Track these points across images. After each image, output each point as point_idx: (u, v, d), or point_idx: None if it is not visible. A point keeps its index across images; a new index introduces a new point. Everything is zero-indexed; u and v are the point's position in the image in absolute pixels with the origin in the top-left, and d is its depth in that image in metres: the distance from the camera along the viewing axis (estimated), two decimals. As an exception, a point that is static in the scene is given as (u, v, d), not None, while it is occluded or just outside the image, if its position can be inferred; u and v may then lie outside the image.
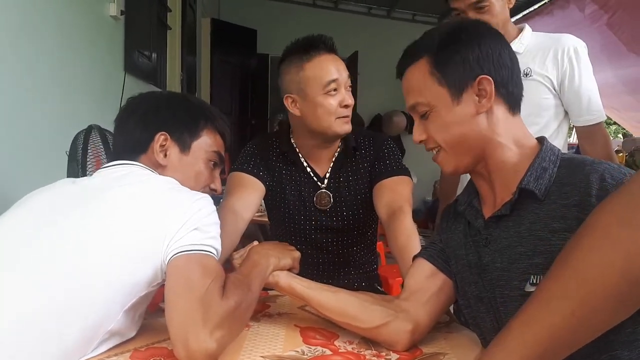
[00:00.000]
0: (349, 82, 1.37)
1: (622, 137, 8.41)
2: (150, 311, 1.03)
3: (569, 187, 0.78)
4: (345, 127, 1.39)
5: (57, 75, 2.27)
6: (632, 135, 6.30)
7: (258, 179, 1.42)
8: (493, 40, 0.88)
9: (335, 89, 1.34)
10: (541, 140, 0.88)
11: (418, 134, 0.91)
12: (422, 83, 0.88)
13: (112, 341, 0.88)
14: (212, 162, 1.09)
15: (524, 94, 0.91)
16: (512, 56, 0.88)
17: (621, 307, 0.54)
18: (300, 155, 1.48)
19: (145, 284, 0.87)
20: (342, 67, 1.36)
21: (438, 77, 0.86)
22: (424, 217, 6.23)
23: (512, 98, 0.88)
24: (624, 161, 4.10)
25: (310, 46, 1.33)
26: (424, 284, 0.97)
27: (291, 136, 1.49)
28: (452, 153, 0.88)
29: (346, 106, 1.36)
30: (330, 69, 1.33)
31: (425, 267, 0.98)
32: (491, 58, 0.86)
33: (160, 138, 1.02)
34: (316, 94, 1.34)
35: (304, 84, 1.35)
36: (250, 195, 1.39)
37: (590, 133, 1.55)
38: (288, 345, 0.93)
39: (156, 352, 0.88)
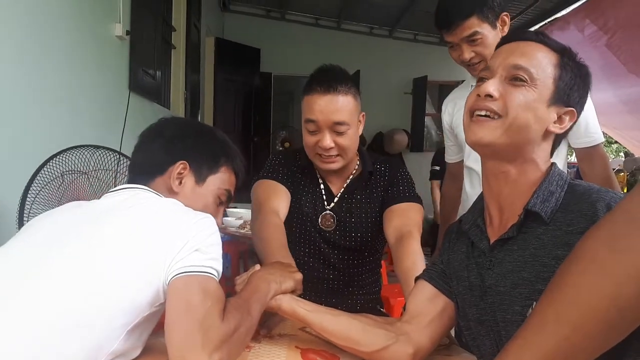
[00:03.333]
0: (343, 127, 1.34)
1: (623, 155, 8.43)
2: (155, 331, 1.04)
3: (575, 214, 0.79)
4: (326, 167, 1.42)
5: (63, 93, 2.30)
6: (633, 154, 6.31)
7: (285, 186, 1.46)
8: (586, 87, 0.90)
9: (313, 130, 1.37)
10: (551, 164, 0.89)
11: (494, 88, 0.85)
12: (545, 64, 0.85)
13: (116, 362, 0.88)
14: (220, 200, 1.12)
15: None
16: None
17: (612, 332, 0.55)
18: (317, 172, 1.51)
19: (148, 304, 0.88)
20: (332, 109, 1.33)
21: (557, 75, 0.85)
22: (426, 235, 6.22)
23: (557, 144, 0.90)
24: (625, 180, 4.09)
25: (311, 83, 1.36)
26: (426, 307, 0.98)
27: None
28: (508, 130, 0.83)
29: (324, 148, 1.36)
30: (312, 109, 1.35)
31: (426, 290, 0.99)
32: (582, 100, 0.89)
33: (179, 166, 1.04)
34: (303, 127, 1.40)
35: (302, 115, 1.40)
36: (284, 200, 1.44)
37: (589, 155, 1.56)
38: (289, 367, 0.94)
39: (158, 373, 0.88)
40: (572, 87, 0.86)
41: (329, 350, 1.02)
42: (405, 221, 1.38)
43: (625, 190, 3.96)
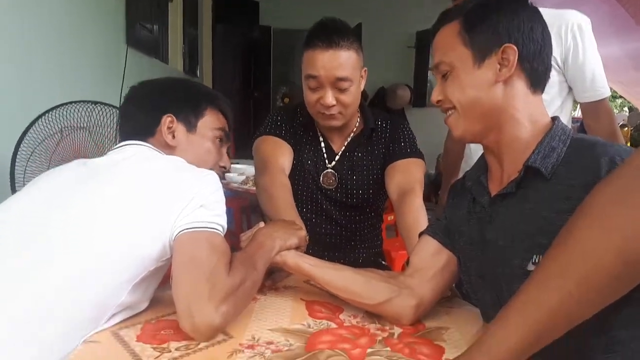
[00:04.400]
0: (346, 83, 1.31)
1: (627, 110, 8.36)
2: (161, 285, 1.06)
3: (577, 168, 0.78)
4: (327, 123, 1.40)
5: (60, 49, 2.26)
6: (637, 109, 6.24)
7: (287, 142, 1.45)
8: (527, 14, 0.87)
9: (314, 87, 1.34)
10: (554, 119, 0.88)
11: (436, 94, 0.92)
12: (449, 43, 0.88)
13: (124, 314, 0.90)
14: (219, 139, 1.11)
15: None
16: (546, 35, 0.87)
17: (618, 285, 0.56)
18: (318, 130, 1.49)
19: (154, 259, 0.89)
20: (335, 64, 1.29)
21: (465, 38, 0.86)
22: (427, 190, 6.24)
23: (535, 75, 0.87)
24: (629, 135, 4.08)
25: (312, 37, 1.32)
26: (429, 261, 0.99)
27: None
28: (464, 116, 0.88)
29: (326, 105, 1.34)
30: (314, 64, 1.31)
31: (430, 244, 1.00)
32: (521, 30, 0.85)
33: (167, 120, 1.04)
34: (304, 83, 1.37)
35: (302, 70, 1.37)
36: (287, 157, 1.43)
37: (594, 109, 1.54)
38: (294, 319, 0.96)
39: (166, 324, 0.90)
40: (488, 31, 0.85)
41: (333, 302, 1.04)
42: (407, 178, 1.38)
43: (629, 145, 3.95)
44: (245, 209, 3.93)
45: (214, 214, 0.92)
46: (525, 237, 0.81)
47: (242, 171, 2.91)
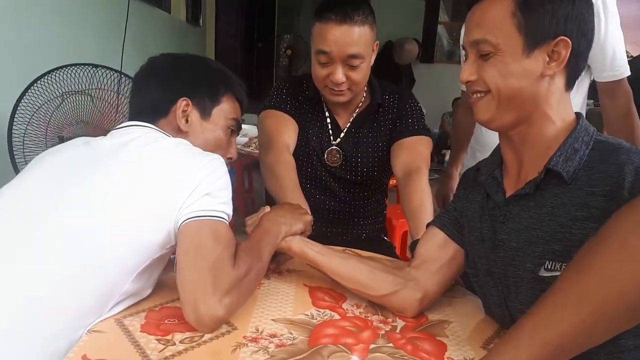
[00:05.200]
0: (358, 60, 1.27)
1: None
2: (164, 268, 1.05)
3: (600, 175, 0.75)
4: (334, 99, 1.36)
5: (60, 2, 2.17)
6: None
7: (292, 117, 1.42)
8: (586, 4, 0.80)
9: (324, 62, 1.28)
10: (578, 116, 0.84)
11: (469, 72, 0.84)
12: (499, 21, 0.79)
13: (128, 301, 0.90)
14: (231, 129, 1.09)
15: None
16: (593, 28, 0.82)
17: (634, 315, 0.55)
18: (324, 105, 1.45)
19: (158, 246, 0.88)
20: (348, 41, 1.24)
21: (519, 21, 0.78)
22: (430, 132, 6.20)
23: (575, 72, 0.83)
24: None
25: (325, 10, 1.25)
26: (436, 253, 0.98)
27: None
28: (499, 104, 0.82)
29: (336, 82, 1.29)
30: (326, 39, 1.25)
31: (437, 236, 0.99)
32: (579, 22, 0.79)
33: (182, 103, 1.01)
34: (313, 56, 1.31)
35: (311, 41, 1.32)
36: (292, 133, 1.40)
37: (612, 88, 1.49)
38: (298, 308, 0.96)
39: (170, 312, 0.91)
40: (545, 17, 0.78)
41: (336, 288, 1.03)
42: (413, 156, 1.36)
43: None
44: (247, 166, 3.92)
45: (220, 202, 0.90)
46: (539, 242, 0.80)
47: (245, 132, 2.88)
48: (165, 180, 0.88)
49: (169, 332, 0.84)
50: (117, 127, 1.01)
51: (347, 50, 1.25)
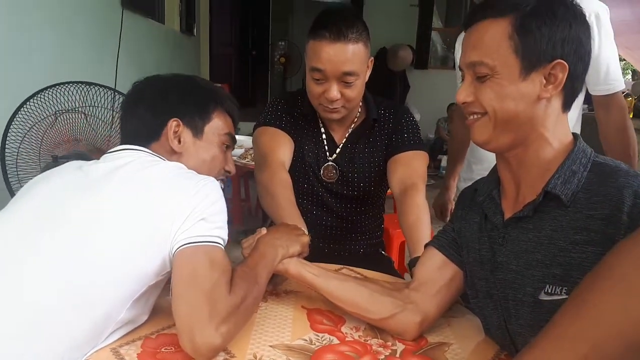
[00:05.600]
0: (352, 77, 1.26)
1: (630, 75, 8.22)
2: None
3: (598, 198, 0.75)
4: (329, 116, 1.36)
5: (55, 14, 2.16)
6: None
7: (288, 134, 1.41)
8: (582, 27, 0.80)
9: (319, 79, 1.28)
10: (575, 137, 0.84)
11: (465, 94, 0.83)
12: (496, 44, 0.79)
13: (124, 329, 0.89)
14: (225, 145, 1.08)
15: None
16: (590, 51, 0.82)
17: (634, 356, 0.54)
18: (320, 121, 1.44)
19: (154, 273, 0.87)
20: (342, 59, 1.23)
21: (516, 44, 0.78)
22: (427, 147, 6.21)
23: (572, 95, 0.82)
24: (632, 105, 4.00)
25: (318, 27, 1.25)
26: (434, 275, 0.97)
27: None
28: (496, 127, 0.81)
29: (330, 100, 1.29)
30: (320, 57, 1.24)
31: (436, 258, 0.98)
32: (576, 45, 0.78)
33: (172, 124, 1.00)
34: (307, 73, 1.31)
35: (305, 58, 1.31)
36: (288, 150, 1.39)
37: (606, 102, 1.49)
38: (296, 332, 0.95)
39: (167, 339, 0.89)
40: (542, 40, 0.77)
41: (335, 311, 1.02)
42: (409, 172, 1.35)
43: (631, 116, 3.89)
44: (243, 175, 3.91)
45: (215, 227, 0.89)
46: (539, 266, 0.79)
47: (240, 143, 2.86)
48: (160, 205, 0.87)
49: (166, 362, 0.83)
50: (111, 150, 1.00)
51: (341, 68, 1.24)
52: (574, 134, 0.85)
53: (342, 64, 1.24)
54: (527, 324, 0.82)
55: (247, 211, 4.03)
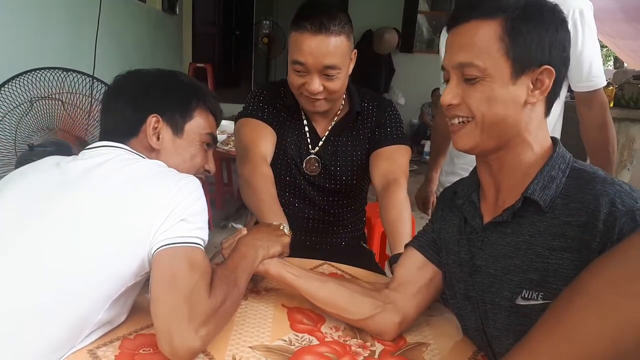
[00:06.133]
0: (334, 71, 1.25)
1: (612, 63, 8.30)
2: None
3: (576, 205, 0.76)
4: (311, 108, 1.34)
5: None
6: (622, 62, 6.20)
7: (270, 126, 1.39)
8: (566, 34, 0.80)
9: (300, 71, 1.26)
10: (554, 141, 0.84)
11: (452, 96, 0.81)
12: (487, 45, 0.77)
13: (101, 330, 0.88)
14: (206, 144, 1.06)
15: None
16: (569, 56, 0.82)
17: None
18: (303, 113, 1.43)
19: (133, 274, 0.86)
20: (324, 51, 1.22)
21: (507, 46, 0.76)
22: (410, 140, 6.22)
23: (553, 99, 0.83)
24: (613, 94, 4.04)
25: (300, 19, 1.23)
26: (414, 276, 0.98)
27: None
28: (482, 131, 0.80)
29: (312, 92, 1.27)
30: (301, 50, 1.23)
31: (415, 258, 0.99)
32: (561, 50, 0.78)
33: (152, 120, 0.97)
34: (289, 65, 1.29)
35: (288, 48, 1.30)
36: (270, 142, 1.37)
37: (588, 99, 1.50)
38: (276, 332, 0.95)
39: (145, 340, 0.89)
40: (532, 44, 0.77)
41: (315, 310, 1.03)
42: (391, 167, 1.35)
43: (611, 105, 3.93)
44: (225, 162, 3.88)
45: (195, 227, 0.88)
46: (517, 271, 0.80)
47: (223, 129, 2.83)
48: (139, 205, 0.86)
49: (144, 364, 0.82)
50: (89, 147, 0.98)
51: (323, 61, 1.23)
52: (553, 139, 0.86)
53: (323, 57, 1.22)
54: (503, 328, 0.83)
55: (229, 195, 4.01)
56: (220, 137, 2.80)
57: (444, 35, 1.71)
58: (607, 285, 0.54)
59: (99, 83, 1.57)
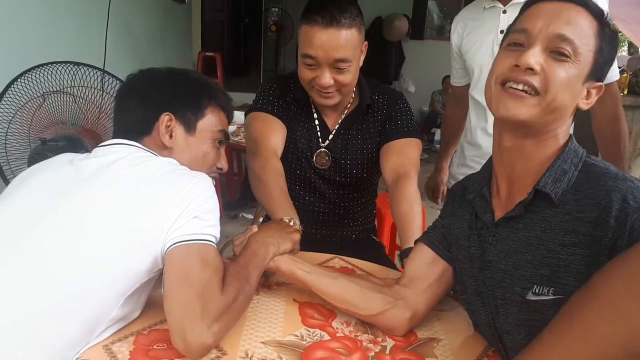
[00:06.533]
0: (345, 64, 1.24)
1: (626, 49, 8.15)
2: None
3: (587, 201, 0.76)
4: (323, 102, 1.33)
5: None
6: (638, 49, 6.09)
7: (280, 119, 1.39)
8: (617, 48, 0.85)
9: (311, 65, 1.26)
10: (569, 137, 0.84)
11: (535, 61, 0.76)
12: (588, 35, 0.77)
13: (116, 326, 0.89)
14: (218, 141, 1.06)
15: None
16: None
17: None
18: (313, 106, 1.42)
19: (146, 271, 0.87)
20: (335, 45, 1.21)
21: (597, 48, 0.78)
22: (420, 128, 6.20)
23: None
24: (627, 82, 3.98)
25: (311, 12, 1.22)
26: (424, 271, 0.98)
27: None
28: (543, 110, 0.77)
29: (323, 86, 1.27)
30: (312, 43, 1.22)
31: (426, 254, 0.99)
32: (607, 73, 0.84)
33: (165, 119, 0.98)
34: (299, 58, 1.29)
35: (298, 42, 1.29)
36: (280, 135, 1.38)
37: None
38: (287, 327, 0.96)
39: (159, 335, 0.90)
40: (607, 62, 0.80)
41: (326, 304, 1.03)
42: (402, 160, 1.35)
43: (625, 92, 3.88)
44: (236, 150, 3.88)
45: (207, 225, 0.89)
46: (528, 266, 0.80)
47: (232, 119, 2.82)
48: (152, 203, 0.87)
49: (158, 359, 0.83)
50: (102, 144, 0.99)
51: (333, 54, 1.22)
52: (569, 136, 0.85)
53: (334, 51, 1.22)
54: (514, 323, 0.83)
55: (239, 185, 4.03)
56: (230, 128, 2.80)
57: (455, 24, 1.69)
58: (620, 290, 0.54)
59: (110, 77, 1.57)
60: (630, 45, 8.23)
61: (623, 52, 8.24)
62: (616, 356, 0.53)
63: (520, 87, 0.78)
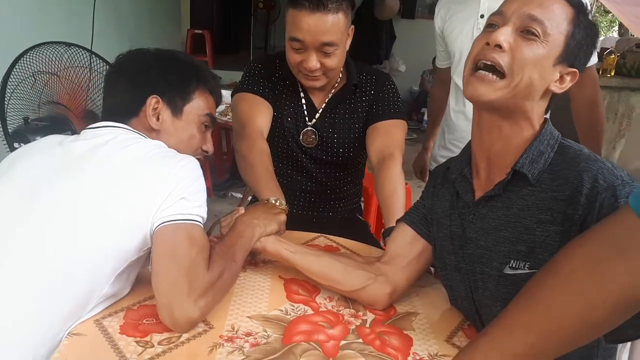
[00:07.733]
0: (332, 48, 1.26)
1: (617, 30, 8.17)
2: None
3: (561, 180, 0.80)
4: (309, 84, 1.36)
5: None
6: (630, 33, 6.11)
7: (266, 100, 1.41)
8: (595, 48, 0.88)
9: (298, 48, 1.27)
10: (545, 120, 0.88)
11: (504, 38, 0.79)
12: (560, 19, 0.80)
13: (107, 302, 0.93)
14: (205, 125, 1.08)
15: None
16: None
17: (579, 342, 0.60)
18: (299, 85, 1.44)
19: (135, 250, 0.90)
20: (322, 29, 1.22)
21: (570, 33, 0.81)
22: (410, 108, 6.21)
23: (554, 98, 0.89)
24: (614, 63, 4.01)
25: None
26: (405, 250, 1.02)
27: None
28: (509, 91, 0.80)
29: (310, 69, 1.29)
30: (299, 27, 1.23)
31: (406, 233, 1.03)
32: (586, 60, 0.86)
33: (152, 101, 1.00)
34: (287, 42, 1.30)
35: (285, 26, 1.30)
36: (266, 116, 1.40)
37: (580, 76, 1.51)
38: (273, 302, 1.00)
39: (148, 311, 0.93)
40: (580, 48, 0.83)
41: (310, 280, 1.07)
42: (388, 141, 1.37)
43: (612, 74, 3.91)
44: (224, 129, 3.89)
45: (194, 205, 0.92)
46: (505, 242, 0.85)
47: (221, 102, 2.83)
48: (140, 185, 0.89)
49: (148, 333, 0.87)
50: (91, 126, 1.00)
51: (320, 38, 1.24)
52: (544, 119, 0.89)
53: (321, 35, 1.24)
54: (492, 296, 0.88)
55: (229, 166, 4.04)
56: (219, 108, 2.81)
57: (439, 8, 1.71)
58: (580, 265, 0.58)
59: (97, 58, 1.57)
60: (621, 26, 8.24)
61: (614, 32, 8.24)
62: (572, 327, 0.58)
63: (489, 62, 0.80)
